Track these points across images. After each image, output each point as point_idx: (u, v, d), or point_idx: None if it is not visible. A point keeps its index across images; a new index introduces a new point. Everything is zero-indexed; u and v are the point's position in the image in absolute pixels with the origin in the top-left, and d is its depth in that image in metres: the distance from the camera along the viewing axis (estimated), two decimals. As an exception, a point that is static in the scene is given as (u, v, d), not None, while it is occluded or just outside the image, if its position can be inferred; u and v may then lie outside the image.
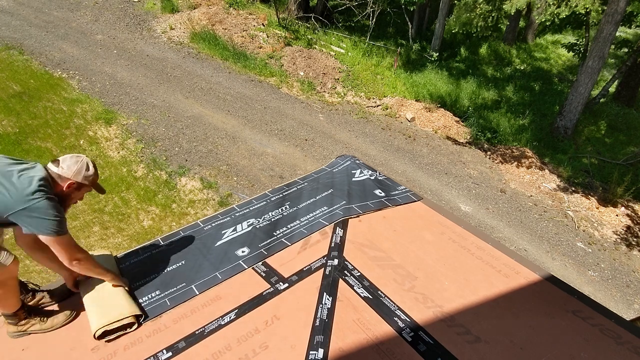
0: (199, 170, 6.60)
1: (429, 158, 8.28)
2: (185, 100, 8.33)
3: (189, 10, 11.95)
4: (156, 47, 10.10)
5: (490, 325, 1.76)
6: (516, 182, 7.97)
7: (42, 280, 4.55)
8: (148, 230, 5.45)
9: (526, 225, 6.86)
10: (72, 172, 1.72)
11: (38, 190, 1.56)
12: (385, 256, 2.16)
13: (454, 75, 11.95)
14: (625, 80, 11.87)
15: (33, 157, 6.13)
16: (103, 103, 7.70)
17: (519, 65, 14.07)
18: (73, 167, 1.72)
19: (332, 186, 2.81)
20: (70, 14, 10.64)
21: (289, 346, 1.64)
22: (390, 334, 1.69)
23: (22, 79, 7.78)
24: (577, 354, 1.64)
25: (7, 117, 6.75)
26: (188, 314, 1.82)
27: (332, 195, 2.69)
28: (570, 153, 9.05)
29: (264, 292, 1.93)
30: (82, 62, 8.81)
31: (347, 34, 12.54)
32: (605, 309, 1.90)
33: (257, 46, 10.93)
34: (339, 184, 2.82)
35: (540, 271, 2.12)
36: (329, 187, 2.79)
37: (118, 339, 1.71)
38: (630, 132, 10.50)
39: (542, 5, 8.75)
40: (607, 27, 8.30)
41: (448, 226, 2.46)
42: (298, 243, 2.27)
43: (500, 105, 10.88)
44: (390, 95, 10.37)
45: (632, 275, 6.21)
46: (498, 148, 9.06)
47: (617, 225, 7.13)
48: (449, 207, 6.91)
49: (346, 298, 1.87)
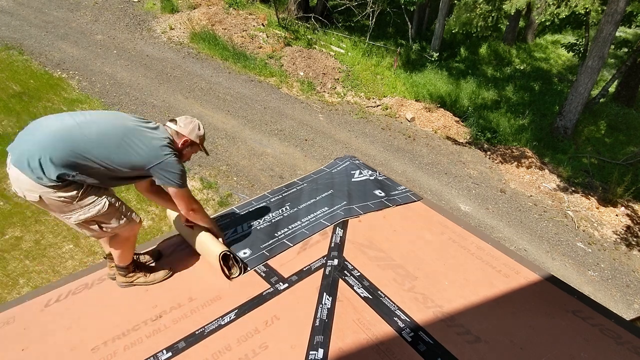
0: (198, 170, 6.60)
1: (429, 158, 8.28)
2: (185, 100, 8.33)
3: (189, 10, 11.95)
4: (156, 47, 10.10)
5: (490, 325, 1.76)
6: (516, 182, 7.97)
7: (42, 281, 4.55)
8: (148, 231, 5.45)
9: (526, 225, 6.86)
10: (187, 130, 1.91)
11: (167, 146, 1.79)
12: (385, 256, 2.16)
13: (453, 75, 11.95)
14: (625, 80, 11.88)
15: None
16: (103, 103, 7.69)
17: (519, 65, 14.07)
18: (189, 125, 1.93)
19: (332, 187, 2.80)
20: (70, 14, 10.64)
21: (288, 346, 1.64)
22: (390, 334, 1.69)
23: (22, 79, 7.77)
24: (577, 354, 1.64)
25: (7, 117, 6.75)
26: (188, 314, 1.82)
27: (333, 196, 2.68)
28: (570, 153, 9.06)
29: (264, 292, 1.93)
30: (82, 62, 8.81)
31: (347, 34, 12.54)
32: (605, 309, 1.90)
33: (257, 46, 10.93)
34: (339, 185, 2.82)
35: (540, 271, 2.12)
36: (329, 188, 2.79)
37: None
38: (630, 132, 10.50)
39: (541, 5, 8.75)
40: (606, 27, 8.30)
41: (448, 226, 2.46)
42: (298, 243, 2.27)
43: (500, 105, 10.88)
44: (390, 95, 10.37)
45: (632, 275, 6.21)
46: (498, 148, 9.06)
47: (617, 225, 7.14)
48: (449, 207, 6.91)
49: (346, 298, 1.87)
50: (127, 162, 1.70)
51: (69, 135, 1.60)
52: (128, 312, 1.87)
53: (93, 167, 1.64)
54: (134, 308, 1.89)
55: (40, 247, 4.95)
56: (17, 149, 1.59)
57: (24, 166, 1.54)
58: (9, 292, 4.40)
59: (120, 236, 1.89)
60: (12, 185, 1.63)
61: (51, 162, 1.54)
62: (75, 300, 1.96)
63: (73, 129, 1.62)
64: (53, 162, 1.54)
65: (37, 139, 1.57)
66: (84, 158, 1.60)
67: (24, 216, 5.27)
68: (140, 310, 1.87)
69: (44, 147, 1.55)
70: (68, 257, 4.92)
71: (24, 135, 1.61)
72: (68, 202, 1.64)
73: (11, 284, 4.50)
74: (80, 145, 1.60)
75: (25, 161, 1.54)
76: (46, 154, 1.54)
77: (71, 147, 1.58)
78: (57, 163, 1.55)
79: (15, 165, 1.56)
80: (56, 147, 1.56)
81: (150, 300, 1.93)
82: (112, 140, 1.67)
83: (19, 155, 1.56)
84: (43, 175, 1.53)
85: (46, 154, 1.54)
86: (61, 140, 1.58)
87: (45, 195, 1.59)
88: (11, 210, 5.32)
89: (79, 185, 1.65)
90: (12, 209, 5.34)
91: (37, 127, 1.62)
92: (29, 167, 1.53)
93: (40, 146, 1.55)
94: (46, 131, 1.59)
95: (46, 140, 1.57)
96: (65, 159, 1.57)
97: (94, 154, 1.62)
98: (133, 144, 1.70)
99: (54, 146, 1.56)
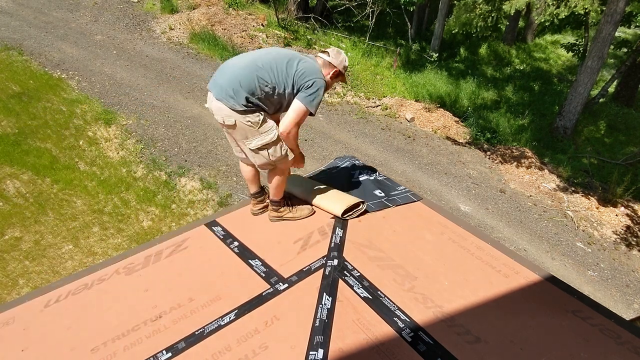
0: (198, 170, 6.60)
1: (429, 158, 8.28)
2: (185, 100, 8.33)
3: (189, 10, 11.95)
4: (155, 48, 10.10)
5: (490, 325, 1.76)
6: (516, 182, 7.97)
7: (42, 281, 4.55)
8: (148, 231, 5.45)
9: (526, 225, 6.86)
10: (337, 61, 2.18)
11: (321, 72, 2.14)
12: (385, 256, 2.16)
13: (453, 75, 11.96)
14: (624, 80, 11.89)
15: (32, 158, 6.13)
16: (102, 103, 7.69)
17: (519, 66, 14.08)
18: (338, 57, 2.19)
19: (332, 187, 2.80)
20: (69, 15, 10.64)
21: (288, 347, 1.64)
22: (390, 334, 1.69)
23: (22, 80, 7.77)
24: (577, 354, 1.64)
25: (7, 117, 6.74)
26: (188, 315, 1.82)
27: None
28: (569, 153, 9.06)
29: (264, 292, 1.93)
30: (81, 62, 8.81)
31: (346, 34, 12.54)
32: (605, 309, 1.90)
33: (257, 47, 10.93)
34: (339, 185, 2.82)
35: (540, 271, 2.12)
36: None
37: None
38: (630, 132, 10.51)
39: (541, 5, 8.75)
40: (606, 28, 8.31)
41: (448, 226, 2.46)
42: (298, 243, 2.27)
43: (499, 106, 10.89)
44: (390, 96, 10.38)
45: (632, 275, 6.21)
46: (497, 148, 9.06)
47: (616, 225, 7.14)
48: (449, 207, 6.91)
49: (346, 298, 1.87)
50: (289, 83, 2.06)
51: (250, 66, 2.03)
52: (128, 312, 1.87)
53: (265, 91, 2.04)
54: (133, 308, 1.89)
55: (39, 248, 4.95)
56: (216, 85, 2.04)
57: (223, 96, 1.99)
58: (8, 293, 4.40)
59: (277, 169, 2.28)
60: (215, 116, 2.07)
61: (241, 87, 1.98)
62: (75, 301, 1.96)
63: (252, 62, 2.05)
64: (242, 88, 1.98)
65: (229, 75, 2.02)
66: (260, 82, 2.01)
67: (24, 216, 5.27)
68: (140, 310, 1.87)
69: (235, 78, 1.99)
70: (68, 258, 4.91)
71: (219, 76, 2.05)
72: (253, 127, 2.06)
73: (11, 285, 4.50)
74: (258, 73, 2.01)
75: (223, 92, 1.99)
76: (237, 83, 1.98)
77: (252, 75, 2.00)
78: (244, 89, 1.98)
79: (217, 99, 2.01)
80: (243, 76, 1.99)
81: (150, 301, 1.93)
82: (280, 66, 2.05)
83: (219, 89, 2.01)
84: (236, 102, 1.98)
85: (237, 83, 1.98)
86: (246, 69, 2.02)
87: (239, 120, 2.03)
88: (10, 210, 5.32)
89: (261, 111, 2.07)
90: (12, 209, 5.34)
91: (228, 67, 2.06)
92: (227, 96, 1.98)
93: (233, 78, 2.00)
94: (234, 68, 2.04)
95: (235, 73, 2.01)
96: (249, 85, 1.99)
97: (267, 79, 2.02)
98: (296, 66, 2.07)
99: (241, 76, 2.00)
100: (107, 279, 2.10)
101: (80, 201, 5.68)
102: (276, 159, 2.20)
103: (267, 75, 2.02)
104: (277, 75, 2.03)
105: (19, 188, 5.65)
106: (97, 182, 6.04)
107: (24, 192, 5.62)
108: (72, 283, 2.09)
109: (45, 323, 1.84)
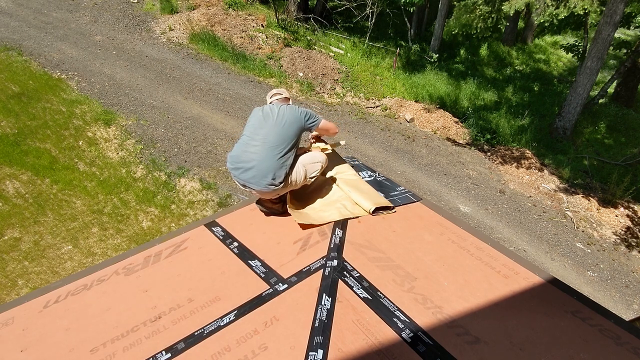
0: (198, 171, 6.60)
1: (428, 159, 8.29)
2: (185, 101, 8.33)
3: (188, 11, 11.96)
4: (155, 48, 10.10)
5: (490, 326, 1.76)
6: (515, 183, 7.98)
7: (41, 282, 4.55)
8: (147, 232, 5.44)
9: (525, 226, 6.86)
10: (289, 94, 2.66)
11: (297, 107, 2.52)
12: (385, 257, 2.16)
13: (453, 76, 11.97)
14: (624, 81, 11.91)
15: (32, 158, 6.13)
16: (102, 104, 7.69)
17: (519, 66, 14.10)
18: (284, 92, 2.66)
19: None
20: (69, 15, 10.64)
21: (288, 347, 1.64)
22: (389, 335, 1.69)
23: (21, 80, 7.77)
24: (577, 354, 1.64)
25: (6, 118, 6.74)
26: (187, 315, 1.82)
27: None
28: (569, 154, 9.07)
29: (263, 293, 1.93)
30: (81, 63, 8.81)
31: (346, 35, 12.55)
32: (604, 310, 1.90)
33: (257, 47, 10.93)
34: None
35: (540, 272, 2.12)
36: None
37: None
38: (629, 133, 10.52)
39: (540, 6, 8.76)
40: (605, 28, 8.32)
41: (447, 227, 2.46)
42: (297, 244, 2.27)
43: (499, 106, 10.89)
44: (390, 96, 10.38)
45: (631, 276, 6.21)
46: (497, 149, 9.07)
47: (616, 226, 7.14)
48: (448, 208, 6.92)
49: (345, 299, 1.87)
50: (293, 131, 2.37)
51: (265, 154, 2.29)
52: (127, 313, 1.87)
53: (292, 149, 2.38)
54: (133, 309, 1.89)
55: (39, 248, 4.94)
56: (251, 182, 2.31)
57: (264, 187, 2.31)
58: (7, 293, 4.40)
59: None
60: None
61: (276, 174, 2.30)
62: (74, 302, 1.96)
63: (263, 151, 2.29)
64: (278, 174, 2.30)
65: (256, 171, 2.28)
66: (286, 156, 2.33)
67: (23, 217, 5.27)
68: (139, 311, 1.87)
69: (270, 171, 2.27)
70: (67, 258, 4.91)
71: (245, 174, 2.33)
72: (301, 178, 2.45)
73: (10, 285, 4.49)
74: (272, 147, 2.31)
75: (263, 185, 2.30)
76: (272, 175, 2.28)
77: (275, 161, 2.29)
78: (282, 172, 2.31)
79: (258, 191, 2.34)
80: (272, 167, 2.28)
81: (149, 302, 1.93)
82: (278, 130, 2.34)
83: (257, 184, 2.29)
84: (277, 183, 2.29)
85: (271, 175, 2.28)
86: (267, 160, 2.28)
87: (287, 185, 2.40)
88: (10, 211, 5.31)
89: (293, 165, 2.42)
90: (11, 210, 5.34)
91: (249, 161, 2.30)
92: (267, 185, 2.30)
93: (265, 173, 2.27)
94: (256, 162, 2.28)
95: (262, 168, 2.27)
96: (282, 166, 2.31)
97: (285, 146, 2.33)
98: (286, 121, 2.37)
99: (270, 167, 2.28)
100: (107, 279, 2.10)
101: (79, 202, 5.68)
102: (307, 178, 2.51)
103: (277, 140, 2.31)
104: (280, 135, 2.32)
105: (19, 188, 5.65)
106: (96, 183, 6.04)
107: (24, 192, 5.62)
108: (72, 284, 2.09)
109: (44, 324, 1.84)
